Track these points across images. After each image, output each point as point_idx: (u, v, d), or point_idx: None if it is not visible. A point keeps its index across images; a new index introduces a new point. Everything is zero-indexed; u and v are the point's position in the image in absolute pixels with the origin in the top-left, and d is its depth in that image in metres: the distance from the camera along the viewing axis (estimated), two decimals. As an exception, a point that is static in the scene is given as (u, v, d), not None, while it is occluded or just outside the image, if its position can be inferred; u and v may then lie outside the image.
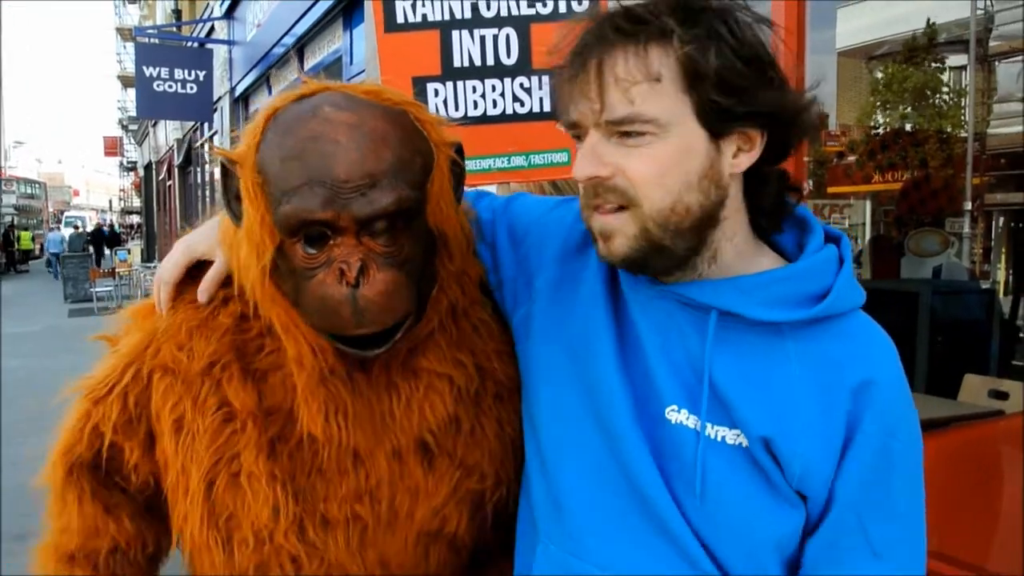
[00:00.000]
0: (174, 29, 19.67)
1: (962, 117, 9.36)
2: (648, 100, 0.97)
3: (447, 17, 2.00)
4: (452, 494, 1.19)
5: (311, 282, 1.03)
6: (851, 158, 9.96)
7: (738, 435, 1.02)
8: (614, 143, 1.00)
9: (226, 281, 1.20)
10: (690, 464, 1.03)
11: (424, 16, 2.01)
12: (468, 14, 2.00)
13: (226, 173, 1.11)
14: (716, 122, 1.00)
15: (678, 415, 1.05)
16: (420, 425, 1.16)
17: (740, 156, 1.03)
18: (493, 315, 1.27)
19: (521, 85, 2.02)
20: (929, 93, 9.85)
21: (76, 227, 33.31)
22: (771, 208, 1.10)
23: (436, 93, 2.02)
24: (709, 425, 1.03)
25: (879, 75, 10.77)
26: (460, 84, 2.03)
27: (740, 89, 0.98)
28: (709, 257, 1.06)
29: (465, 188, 1.21)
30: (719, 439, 1.03)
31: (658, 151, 0.99)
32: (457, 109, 2.01)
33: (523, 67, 2.01)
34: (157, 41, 17.29)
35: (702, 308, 1.05)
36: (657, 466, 1.05)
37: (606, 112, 0.98)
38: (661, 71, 0.97)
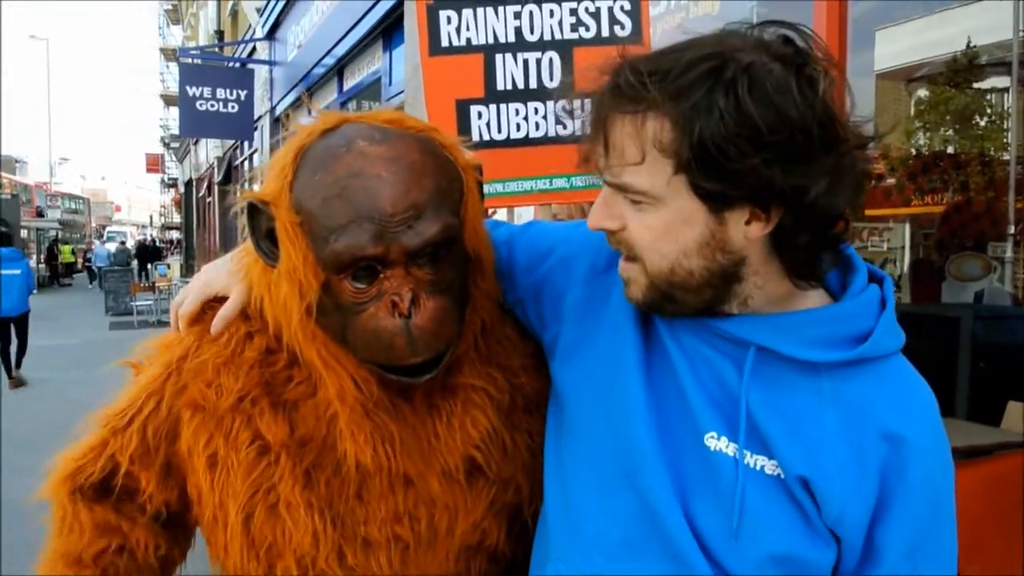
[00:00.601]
0: (216, 50, 20.04)
1: (1004, 140, 9.22)
2: (639, 174, 0.98)
3: (491, 41, 2.04)
4: (490, 508, 1.20)
5: (361, 316, 1.04)
6: (890, 180, 9.84)
7: (776, 466, 1.02)
8: (623, 198, 1.02)
9: (247, 315, 1.22)
10: (728, 492, 1.02)
11: (468, 40, 2.04)
12: (512, 38, 2.03)
13: (253, 213, 1.11)
14: (711, 200, 0.96)
15: (717, 442, 1.04)
16: (465, 442, 1.17)
17: (753, 225, 0.98)
18: (514, 329, 1.29)
19: (563, 108, 2.03)
20: (972, 116, 9.72)
21: (122, 242, 34.00)
22: (803, 265, 1.04)
23: (479, 116, 2.05)
24: (748, 454, 1.02)
25: (921, 96, 10.65)
26: (503, 107, 2.05)
27: (730, 172, 0.92)
28: (739, 303, 1.06)
29: (506, 209, 1.24)
30: (758, 468, 1.02)
31: (652, 220, 1.00)
32: (500, 131, 2.04)
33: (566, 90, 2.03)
34: (200, 61, 17.61)
35: (740, 342, 1.05)
36: (687, 493, 1.04)
37: (607, 174, 1.02)
38: (652, 148, 0.95)
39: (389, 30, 8.83)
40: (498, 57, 2.04)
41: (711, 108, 0.91)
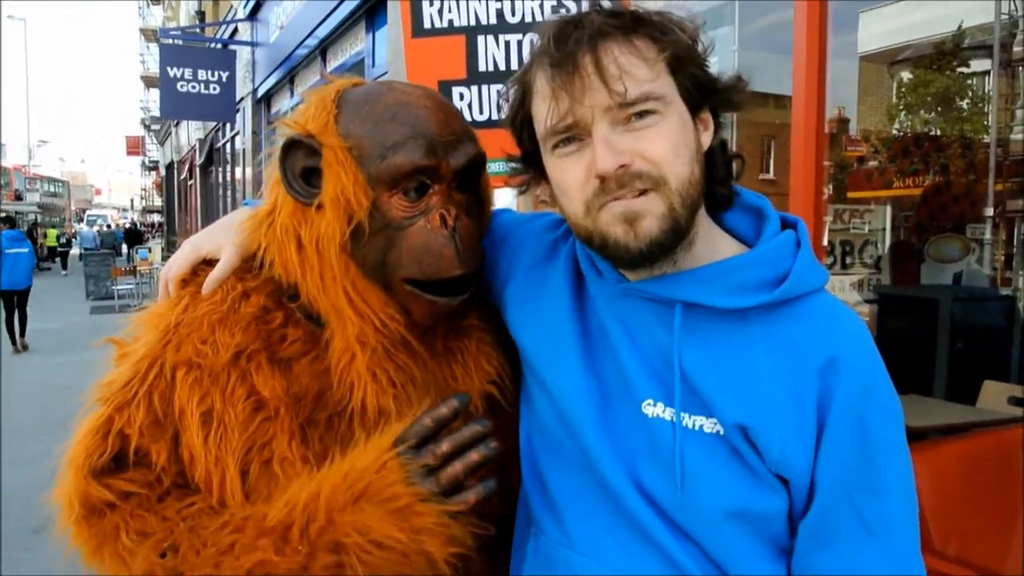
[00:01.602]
0: (198, 30, 19.83)
1: (985, 122, 9.29)
2: (655, 80, 1.03)
3: (473, 22, 2.04)
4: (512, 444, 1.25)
5: (411, 230, 1.14)
6: (872, 163, 9.90)
7: (715, 424, 1.04)
8: (620, 132, 1.03)
9: (242, 275, 1.24)
10: (668, 455, 1.06)
11: (450, 22, 2.05)
12: (493, 20, 2.04)
13: (287, 155, 1.17)
14: (694, 101, 1.08)
15: (654, 408, 1.08)
16: (482, 379, 1.24)
17: (703, 135, 1.11)
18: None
19: (498, 92, 2.05)
20: (953, 99, 9.79)
21: (108, 226, 33.71)
22: (723, 177, 1.16)
23: (461, 97, 2.06)
24: (686, 415, 1.06)
25: (903, 79, 10.71)
26: (485, 88, 2.07)
27: (692, 75, 1.07)
28: (687, 243, 1.08)
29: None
30: (696, 428, 1.05)
31: (665, 129, 1.04)
32: (482, 112, 2.05)
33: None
34: (181, 42, 17.43)
35: (666, 302, 1.09)
36: (634, 461, 1.09)
37: (619, 97, 1.01)
38: (649, 58, 1.04)
39: (372, 11, 8.78)
40: (480, 39, 2.05)
41: (664, 30, 1.06)
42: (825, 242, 5.41)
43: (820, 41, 2.88)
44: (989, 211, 7.01)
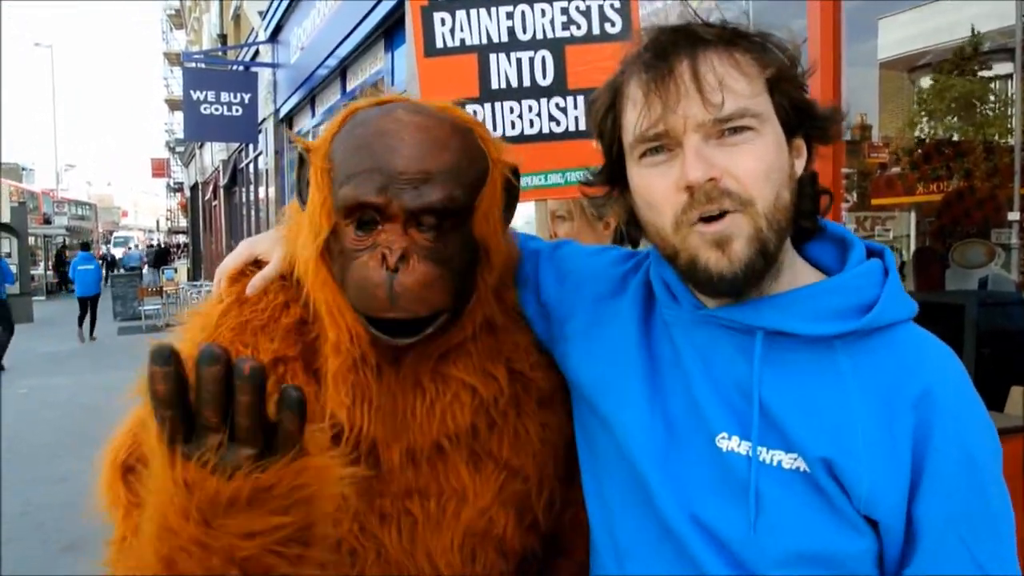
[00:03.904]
0: (220, 53, 20.10)
1: (1008, 126, 9.19)
2: (754, 96, 0.99)
3: (484, 41, 2.06)
4: (498, 495, 1.22)
5: (356, 263, 1.10)
6: (895, 169, 9.82)
7: (795, 459, 0.98)
8: (713, 145, 0.98)
9: (286, 285, 1.25)
10: (743, 491, 1.00)
11: (462, 41, 2.07)
12: (505, 38, 2.05)
13: (302, 163, 1.20)
14: (790, 124, 1.03)
15: (729, 442, 1.02)
16: (439, 430, 1.19)
17: (796, 161, 1.06)
18: (536, 343, 1.31)
19: (557, 105, 2.07)
20: (975, 103, 9.70)
21: (150, 244, 34.19)
22: (810, 211, 1.10)
23: (475, 115, 2.07)
24: (763, 450, 1.00)
25: (924, 85, 10.63)
26: (498, 105, 2.08)
27: (790, 96, 1.02)
28: (775, 271, 1.04)
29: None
30: (775, 463, 0.99)
31: (760, 148, 0.99)
32: (495, 130, 2.06)
33: (559, 88, 2.06)
34: (203, 65, 17.65)
35: (746, 330, 1.03)
36: (701, 496, 1.03)
37: (714, 110, 0.97)
38: (749, 73, 1.00)
39: (391, 30, 8.87)
40: (492, 57, 2.06)
41: (765, 46, 1.02)
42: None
43: (835, 48, 2.88)
44: (1014, 215, 6.93)
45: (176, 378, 0.80)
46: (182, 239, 55.02)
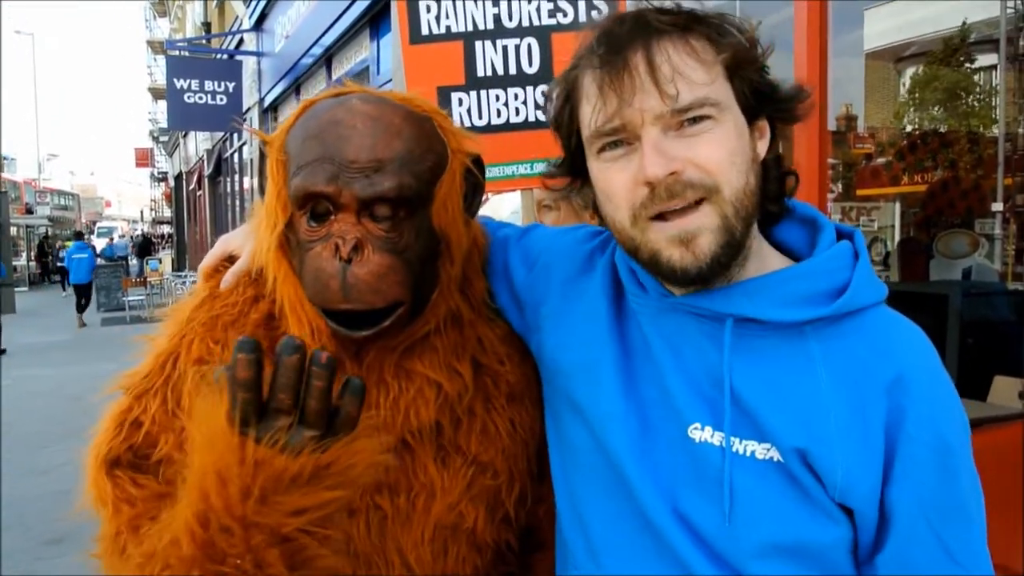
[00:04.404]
0: (204, 42, 19.94)
1: (993, 117, 9.25)
2: (711, 83, 0.97)
3: (470, 28, 2.05)
4: (467, 490, 1.21)
5: (310, 254, 1.08)
6: (880, 160, 9.88)
7: (768, 449, 0.97)
8: (672, 137, 0.96)
9: (257, 280, 1.24)
10: (716, 482, 0.99)
11: (448, 28, 2.05)
12: (491, 25, 2.04)
13: (263, 157, 1.19)
14: (752, 108, 1.01)
15: (702, 433, 1.01)
16: (403, 426, 1.18)
17: (759, 144, 1.04)
18: (507, 336, 1.29)
19: (543, 93, 2.05)
20: (960, 94, 9.75)
21: (138, 233, 34.27)
22: (776, 194, 1.07)
23: (460, 102, 2.06)
24: (736, 440, 0.98)
25: (909, 75, 10.68)
26: (483, 93, 2.07)
27: (749, 80, 1.00)
28: (742, 258, 1.02)
29: (492, 196, 1.24)
30: (748, 454, 0.98)
31: (721, 135, 0.97)
32: (481, 117, 2.05)
33: (545, 75, 2.05)
34: (187, 54, 17.52)
35: (715, 317, 1.02)
36: (677, 487, 1.02)
37: (672, 101, 0.94)
38: (707, 60, 0.97)
39: (376, 19, 8.81)
40: (478, 44, 2.05)
41: (722, 29, 1.00)
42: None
43: (821, 39, 2.88)
44: (998, 206, 6.98)
45: (258, 365, 0.90)
46: (166, 229, 54.71)
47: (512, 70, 2.06)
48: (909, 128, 10.27)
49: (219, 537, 0.93)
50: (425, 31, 2.06)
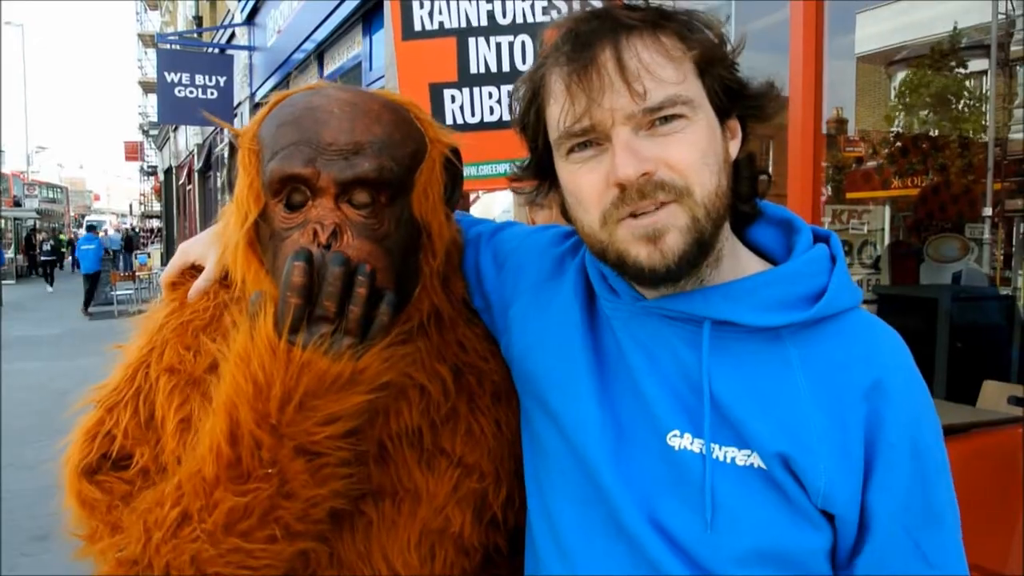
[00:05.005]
0: (195, 35, 19.83)
1: (983, 122, 9.30)
2: (682, 82, 0.95)
3: (463, 24, 2.03)
4: (453, 493, 1.18)
5: (286, 243, 1.05)
6: (870, 163, 9.91)
7: (749, 455, 0.96)
8: (644, 137, 0.94)
9: (227, 284, 1.22)
10: (697, 490, 0.97)
11: (441, 24, 2.04)
12: (484, 21, 2.03)
13: (232, 153, 1.16)
14: (722, 106, 0.99)
15: (681, 440, 0.99)
16: (382, 429, 1.15)
17: (731, 144, 1.02)
18: (488, 334, 1.27)
19: (508, 93, 2.04)
20: (951, 99, 9.80)
21: (129, 227, 34.47)
22: (748, 194, 1.06)
23: (453, 99, 2.05)
24: (716, 447, 0.97)
25: (899, 79, 10.73)
26: (476, 90, 2.06)
27: (720, 77, 0.99)
28: (713, 259, 1.01)
29: (482, 193, 1.23)
30: (728, 460, 0.97)
31: (692, 135, 0.95)
32: (474, 115, 2.04)
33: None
34: (178, 47, 17.41)
35: (693, 320, 1.00)
36: (655, 496, 1.00)
37: (641, 100, 0.93)
38: (676, 58, 0.95)
39: (369, 14, 8.77)
40: (471, 41, 2.04)
41: (694, 25, 0.99)
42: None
43: (816, 42, 2.87)
44: (988, 211, 7.01)
45: (310, 273, 0.98)
46: (156, 223, 54.46)
47: (505, 67, 2.04)
48: (900, 132, 10.31)
49: (246, 453, 0.99)
50: (418, 27, 2.04)
